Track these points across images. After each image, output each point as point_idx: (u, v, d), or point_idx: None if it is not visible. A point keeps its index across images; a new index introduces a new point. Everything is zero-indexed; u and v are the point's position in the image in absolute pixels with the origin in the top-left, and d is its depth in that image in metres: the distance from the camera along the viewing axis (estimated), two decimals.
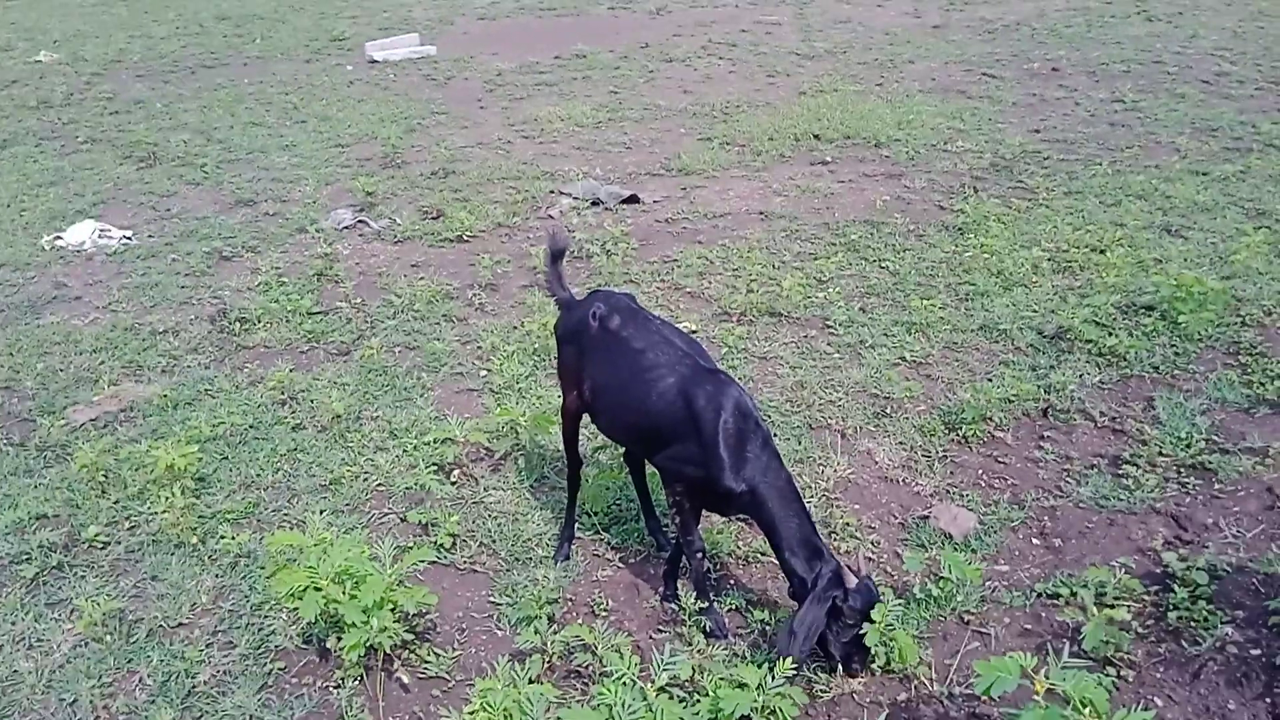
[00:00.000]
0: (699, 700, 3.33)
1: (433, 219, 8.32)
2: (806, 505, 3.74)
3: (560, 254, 4.38)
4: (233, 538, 4.41)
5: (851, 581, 3.52)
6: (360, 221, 8.29)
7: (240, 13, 16.71)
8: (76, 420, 5.49)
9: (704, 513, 3.92)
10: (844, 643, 3.56)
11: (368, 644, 3.56)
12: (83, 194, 8.98)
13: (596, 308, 4.02)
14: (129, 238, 8.04)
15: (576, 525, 4.51)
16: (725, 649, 3.80)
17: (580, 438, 4.40)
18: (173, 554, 4.42)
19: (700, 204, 8.50)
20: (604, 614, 4.05)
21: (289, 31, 15.21)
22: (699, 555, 3.89)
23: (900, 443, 5.15)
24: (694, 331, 6.20)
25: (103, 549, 4.50)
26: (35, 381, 5.92)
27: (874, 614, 3.47)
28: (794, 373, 5.81)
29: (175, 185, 9.23)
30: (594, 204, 8.52)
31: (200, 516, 4.62)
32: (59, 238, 7.95)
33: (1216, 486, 4.61)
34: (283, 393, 5.67)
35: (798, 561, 3.57)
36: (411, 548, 4.12)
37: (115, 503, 4.77)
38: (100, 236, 7.97)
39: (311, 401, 5.59)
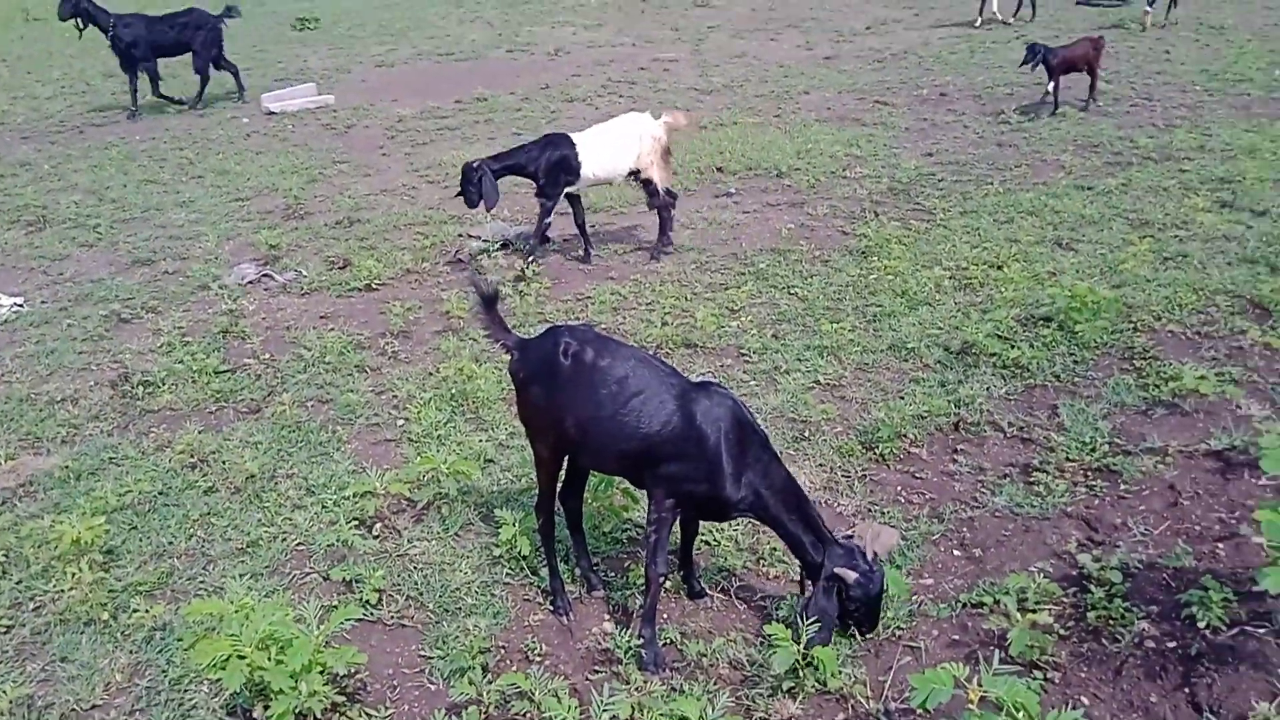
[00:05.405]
0: None
1: (340, 269, 8.20)
2: (806, 495, 3.93)
3: (493, 299, 4.22)
4: (146, 610, 4.23)
5: (849, 575, 3.72)
6: (265, 275, 8.12)
7: None
8: None
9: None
10: (854, 614, 3.82)
11: (297, 710, 3.45)
12: None
13: (566, 344, 3.93)
14: (20, 305, 7.73)
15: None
16: (663, 683, 3.79)
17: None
18: (82, 633, 4.23)
19: (609, 240, 8.55)
20: (539, 659, 4.00)
21: (179, 86, 14.88)
22: (660, 581, 3.90)
23: (820, 465, 5.23)
24: None
25: (6, 633, 4.28)
26: None
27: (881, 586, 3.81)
28: None
29: (68, 248, 8.92)
30: (503, 246, 8.50)
31: (110, 591, 4.44)
32: None
33: (1122, 487, 4.79)
34: (192, 456, 5.51)
35: (805, 551, 3.85)
36: (336, 607, 4.01)
37: (18, 583, 4.56)
38: None
39: (223, 463, 5.43)
